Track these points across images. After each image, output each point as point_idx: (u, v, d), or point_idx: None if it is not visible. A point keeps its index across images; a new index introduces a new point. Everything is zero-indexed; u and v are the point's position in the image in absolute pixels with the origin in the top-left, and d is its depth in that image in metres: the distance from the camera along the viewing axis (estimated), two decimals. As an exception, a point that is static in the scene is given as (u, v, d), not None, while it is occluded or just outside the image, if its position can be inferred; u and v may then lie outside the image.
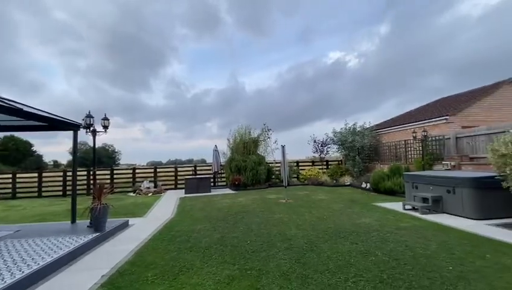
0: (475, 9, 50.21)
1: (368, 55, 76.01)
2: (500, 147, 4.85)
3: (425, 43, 64.32)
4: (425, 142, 10.63)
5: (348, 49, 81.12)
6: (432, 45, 62.52)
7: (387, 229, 5.15)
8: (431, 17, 60.94)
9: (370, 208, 7.55)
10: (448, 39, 59.98)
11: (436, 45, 62.63)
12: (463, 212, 5.90)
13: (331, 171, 16.13)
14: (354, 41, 75.19)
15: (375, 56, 75.44)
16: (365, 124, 16.03)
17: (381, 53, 75.50)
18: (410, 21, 63.93)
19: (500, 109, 12.22)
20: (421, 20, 62.52)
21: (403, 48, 70.90)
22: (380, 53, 75.66)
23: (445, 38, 59.02)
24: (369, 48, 75.35)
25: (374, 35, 74.15)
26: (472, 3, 54.33)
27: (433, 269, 3.29)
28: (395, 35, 71.86)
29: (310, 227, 5.55)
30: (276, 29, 57.68)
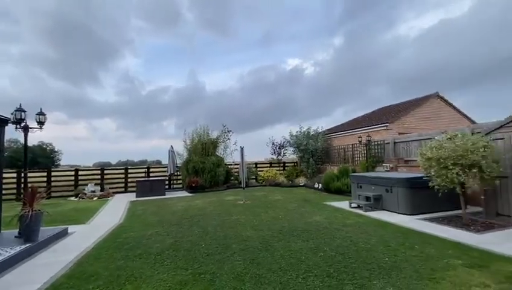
0: (411, 31, 57.77)
1: (323, 64, 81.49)
2: (427, 151, 5.63)
3: (372, 57, 71.79)
4: (369, 146, 11.77)
5: (306, 57, 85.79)
6: (377, 59, 70.10)
7: (335, 227, 5.55)
8: (376, 34, 68.20)
9: (321, 207, 8.05)
10: (390, 55, 68.10)
11: (381, 59, 70.49)
12: (398, 209, 6.68)
13: (287, 172, 16.77)
14: (311, 50, 79.79)
15: (329, 66, 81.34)
16: (318, 128, 17.07)
17: (335, 63, 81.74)
18: (360, 36, 70.71)
19: (429, 119, 14.19)
20: (368, 36, 69.55)
21: (353, 60, 77.94)
22: (333, 63, 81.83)
23: (388, 54, 66.88)
24: (324, 57, 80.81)
25: (329, 46, 79.77)
26: (409, 26, 62.41)
27: (372, 261, 3.65)
28: (347, 48, 78.47)
29: (266, 227, 5.68)
30: (239, 31, 57.96)
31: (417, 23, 60.82)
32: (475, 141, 5.11)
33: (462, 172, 5.06)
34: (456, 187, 5.36)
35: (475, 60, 42.33)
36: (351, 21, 66.06)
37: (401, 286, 2.95)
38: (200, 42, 57.66)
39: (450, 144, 5.30)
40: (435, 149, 5.49)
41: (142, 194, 11.67)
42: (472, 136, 5.33)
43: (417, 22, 58.89)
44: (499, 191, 5.57)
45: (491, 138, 5.57)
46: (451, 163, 5.13)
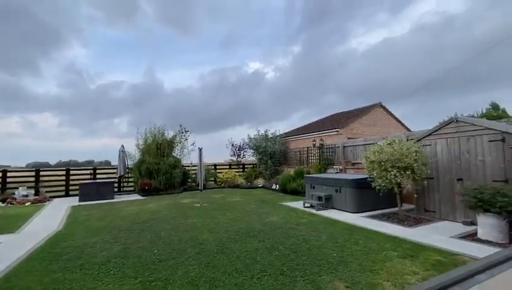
0: (360, 46, 63.69)
1: (283, 70, 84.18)
2: (370, 155, 6.25)
3: (326, 67, 76.97)
4: (322, 149, 12.56)
5: (267, 62, 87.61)
6: (331, 69, 75.39)
7: (289, 226, 5.79)
8: (331, 46, 73.42)
9: (277, 207, 8.30)
10: (342, 66, 73.94)
11: (334, 69, 76.08)
12: (346, 208, 7.25)
13: (246, 174, 16.90)
14: (272, 55, 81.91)
15: (288, 72, 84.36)
16: (276, 131, 17.62)
17: (293, 70, 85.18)
18: (316, 47, 75.29)
19: (373, 125, 15.74)
20: (323, 48, 74.37)
21: (310, 68, 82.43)
22: (292, 70, 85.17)
23: (340, 66, 72.46)
24: (284, 63, 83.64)
25: (288, 54, 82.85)
26: (358, 41, 68.62)
27: (322, 257, 3.90)
28: (304, 57, 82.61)
29: (223, 229, 5.64)
30: (202, 31, 56.26)
31: (366, 39, 67.36)
32: (409, 146, 5.84)
33: (398, 174, 5.74)
34: (394, 187, 6.05)
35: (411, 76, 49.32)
36: (308, 32, 70.04)
37: (346, 278, 3.21)
38: (159, 38, 54.32)
39: (389, 148, 5.96)
40: (376, 153, 6.11)
41: (87, 198, 10.56)
42: (407, 142, 6.08)
43: (366, 38, 65.26)
44: (427, 190, 6.44)
45: (421, 144, 6.43)
46: (390, 166, 5.78)
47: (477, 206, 4.65)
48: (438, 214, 6.20)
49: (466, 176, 5.70)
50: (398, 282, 3.06)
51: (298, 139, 16.80)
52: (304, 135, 16.25)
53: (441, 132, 6.22)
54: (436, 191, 6.27)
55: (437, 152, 6.28)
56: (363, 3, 45.63)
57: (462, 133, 5.79)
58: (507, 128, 5.15)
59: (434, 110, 51.32)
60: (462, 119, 5.86)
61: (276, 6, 56.43)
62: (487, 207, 4.49)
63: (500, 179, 5.13)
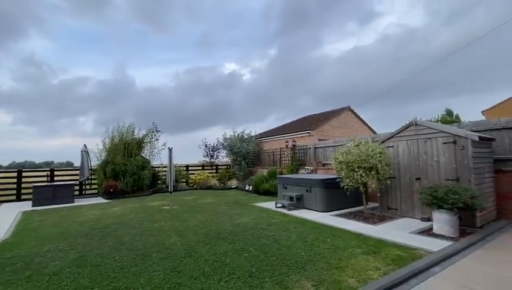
0: (333, 52, 66.53)
1: (259, 72, 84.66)
2: (339, 156, 6.48)
3: (302, 71, 79.03)
4: (295, 150, 12.81)
5: (244, 64, 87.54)
6: (306, 73, 77.60)
7: (260, 227, 5.77)
8: (306, 51, 75.69)
9: (249, 208, 8.26)
10: (316, 71, 76.41)
11: (309, 73, 78.34)
12: (316, 207, 7.43)
13: (220, 175, 16.67)
14: (249, 57, 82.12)
15: (265, 74, 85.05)
16: (251, 132, 17.64)
17: (270, 73, 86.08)
18: (292, 51, 77.11)
19: (342, 128, 16.41)
20: (299, 52, 76.39)
21: (285, 71, 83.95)
22: (268, 72, 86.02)
23: (314, 70, 74.87)
24: (260, 66, 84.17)
25: (265, 56, 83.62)
26: (333, 47, 71.53)
27: (291, 257, 3.92)
28: (280, 60, 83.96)
29: (192, 232, 5.45)
30: (177, 28, 54.22)
31: (339, 45, 70.44)
32: (374, 147, 6.15)
33: (364, 174, 6.00)
34: (360, 187, 6.31)
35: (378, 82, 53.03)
36: (285, 37, 71.44)
37: (313, 277, 3.25)
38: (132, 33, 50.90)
39: (356, 150, 6.22)
40: (345, 154, 6.34)
41: (42, 202, 9.64)
42: (372, 144, 6.39)
43: (339, 44, 68.28)
44: (390, 189, 6.83)
45: (385, 146, 6.80)
46: (357, 166, 6.03)
47: (432, 203, 5.02)
48: (399, 212, 6.60)
49: (423, 176, 6.13)
50: (362, 278, 3.16)
51: (272, 140, 16.97)
52: (277, 136, 16.46)
53: (402, 134, 6.63)
54: (398, 190, 6.67)
55: (399, 153, 6.68)
56: (335, 13, 47.78)
57: (421, 136, 6.23)
58: (458, 131, 5.63)
59: (396, 115, 55.19)
60: (420, 122, 6.30)
61: (253, 8, 56.78)
62: (441, 204, 4.85)
63: (452, 178, 5.59)
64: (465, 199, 4.66)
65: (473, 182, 5.25)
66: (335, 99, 72.11)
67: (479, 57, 32.75)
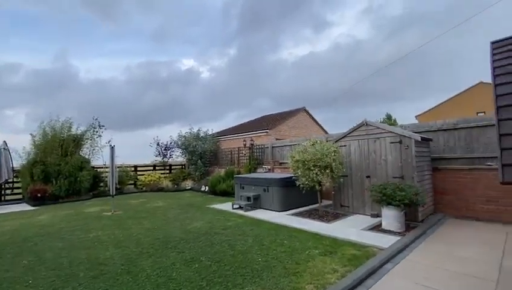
0: (290, 57, 68.90)
1: (218, 70, 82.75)
2: (295, 154, 6.42)
3: (261, 72, 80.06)
4: (252, 149, 12.63)
5: (202, 61, 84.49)
6: (265, 74, 78.80)
7: (215, 231, 5.35)
8: (265, 54, 76.82)
9: (204, 210, 7.75)
10: (274, 73, 78.15)
11: (267, 75, 79.83)
12: (273, 207, 7.30)
13: (173, 175, 15.65)
14: (208, 55, 79.66)
15: (224, 73, 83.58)
16: (208, 130, 16.96)
17: (229, 72, 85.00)
18: (251, 52, 77.50)
19: (298, 128, 16.83)
20: (258, 54, 77.15)
21: (245, 72, 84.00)
22: (228, 71, 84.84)
23: (272, 73, 76.48)
24: (220, 64, 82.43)
25: (224, 55, 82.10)
26: (289, 52, 74.08)
27: (247, 264, 3.61)
28: (240, 60, 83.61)
29: (135, 242, 4.77)
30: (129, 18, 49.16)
31: (295, 51, 73.23)
32: (328, 146, 6.23)
33: (319, 172, 6.03)
34: (315, 185, 6.35)
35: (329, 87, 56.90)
36: (244, 37, 71.37)
37: (271, 286, 2.99)
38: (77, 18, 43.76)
39: (312, 149, 6.22)
40: (301, 153, 6.31)
41: None
42: (327, 143, 6.48)
43: (295, 50, 70.99)
44: (342, 187, 7.04)
45: (338, 145, 6.98)
46: (312, 165, 6.03)
47: (382, 201, 5.23)
48: (351, 209, 6.83)
49: (373, 174, 6.43)
50: (320, 283, 3.00)
51: (230, 139, 16.56)
52: (235, 135, 16.11)
53: (354, 134, 6.87)
54: (350, 188, 6.90)
55: (351, 152, 6.92)
56: (293, 20, 49.54)
57: (371, 136, 6.52)
58: (403, 132, 6.02)
59: (345, 118, 59.66)
60: (371, 123, 6.60)
61: (213, 6, 55.33)
62: (390, 201, 5.08)
63: (398, 175, 5.94)
64: (411, 195, 4.95)
65: (415, 179, 5.64)
66: (291, 101, 74.77)
67: (413, 68, 37.48)
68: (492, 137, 6.23)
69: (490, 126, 6.28)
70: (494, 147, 6.17)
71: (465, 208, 6.10)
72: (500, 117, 1.34)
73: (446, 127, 6.88)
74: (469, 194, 6.07)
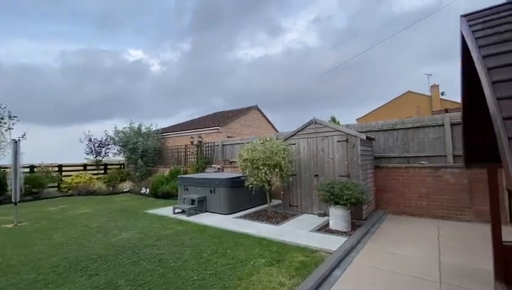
0: (246, 57, 68.88)
1: (170, 65, 77.59)
2: (244, 153, 5.94)
3: (216, 71, 77.95)
4: (201, 147, 11.78)
5: (153, 53, 78.08)
6: (220, 73, 77.12)
7: (146, 243, 4.50)
8: (220, 52, 75.28)
9: (140, 217, 6.72)
10: (229, 72, 77.02)
11: (222, 74, 78.25)
12: (220, 209, 6.69)
13: (108, 176, 13.75)
14: (160, 48, 74.06)
15: (177, 68, 78.83)
16: (151, 126, 15.40)
17: (183, 67, 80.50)
18: (206, 49, 74.91)
19: (250, 126, 16.52)
20: (214, 52, 75.11)
21: (200, 68, 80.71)
22: (181, 67, 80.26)
23: (228, 71, 75.28)
24: (172, 59, 77.37)
25: (177, 49, 77.48)
26: (244, 52, 73.94)
27: (178, 286, 2.95)
28: (194, 56, 79.99)
29: (31, 265, 3.64)
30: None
31: (250, 51, 73.46)
32: (278, 144, 5.91)
33: (269, 171, 5.66)
34: (265, 185, 5.97)
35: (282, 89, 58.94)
36: (199, 33, 68.44)
37: (203, 314, 2.40)
38: None
39: (261, 147, 5.81)
40: (250, 151, 5.85)
41: None
42: (277, 141, 6.15)
43: (250, 50, 71.23)
44: (291, 186, 6.83)
45: (288, 143, 6.75)
46: (262, 163, 5.62)
47: (329, 200, 5.09)
48: (300, 208, 6.66)
49: (321, 172, 6.35)
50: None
51: (177, 136, 15.32)
52: (183, 132, 14.96)
53: (303, 132, 6.71)
54: (299, 187, 6.73)
55: (300, 151, 6.75)
56: (248, 21, 49.71)
57: (319, 134, 6.43)
58: (350, 131, 6.05)
59: (294, 119, 62.38)
60: (319, 121, 6.52)
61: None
62: (337, 200, 4.96)
63: (344, 174, 5.94)
64: (357, 194, 4.90)
65: (360, 177, 5.69)
66: (245, 101, 74.88)
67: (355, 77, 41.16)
68: (424, 137, 6.74)
69: (422, 127, 6.78)
70: (425, 146, 6.67)
71: (402, 205, 6.44)
72: (500, 95, 1.01)
73: (386, 127, 7.24)
74: (405, 191, 6.43)
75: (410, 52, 40.62)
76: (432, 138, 6.60)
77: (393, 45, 32.19)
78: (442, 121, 6.49)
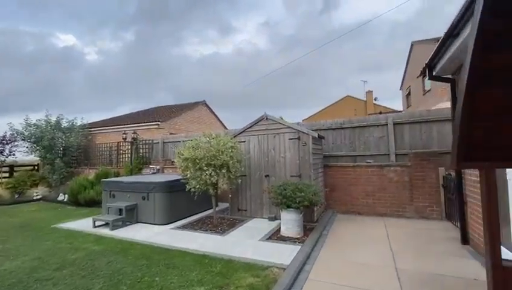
0: (195, 53, 65.97)
1: (110, 55, 68.84)
2: (184, 151, 5.02)
3: (163, 65, 72.46)
4: (137, 145, 10.23)
5: (89, 41, 67.95)
6: (167, 68, 72.04)
7: (40, 275, 3.26)
8: (167, 46, 70.48)
9: (45, 233, 5.19)
10: (177, 68, 72.43)
11: (169, 69, 73.23)
12: (155, 219, 5.61)
13: (15, 181, 11.00)
14: (98, 35, 64.89)
15: (118, 59, 70.48)
16: (76, 119, 12.95)
17: (125, 59, 72.44)
18: (153, 41, 69.04)
19: (197, 123, 15.34)
20: (160, 45, 69.76)
21: (144, 61, 73.89)
22: (123, 58, 72.10)
23: (175, 67, 70.78)
24: (113, 48, 68.72)
25: (118, 39, 69.25)
26: (194, 48, 70.60)
27: None
28: (138, 47, 72.91)
29: None
30: None
31: (199, 48, 70.64)
32: (226, 141, 5.16)
33: (214, 173, 4.87)
34: (210, 189, 5.16)
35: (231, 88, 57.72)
36: (144, 24, 62.45)
37: None
38: None
39: (206, 144, 4.99)
40: (191, 149, 4.97)
41: None
42: (224, 138, 5.40)
43: (200, 47, 68.47)
44: (240, 189, 6.18)
45: (237, 141, 6.06)
46: (206, 164, 4.80)
47: (281, 203, 4.59)
48: (249, 213, 6.05)
49: (272, 172, 5.85)
50: None
51: (109, 132, 13.20)
52: (116, 127, 12.94)
53: (254, 129, 6.12)
54: (249, 189, 6.12)
55: (250, 149, 6.14)
56: (197, 18, 47.63)
57: (271, 131, 5.92)
58: (301, 128, 5.68)
59: (245, 117, 62.69)
60: (271, 117, 6.01)
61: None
62: (289, 203, 4.48)
63: (296, 174, 5.54)
64: (310, 195, 4.50)
65: (312, 177, 5.36)
66: (194, 98, 71.86)
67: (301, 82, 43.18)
68: (369, 136, 6.85)
69: (367, 127, 6.88)
70: (370, 145, 6.78)
71: (350, 203, 6.39)
72: None
73: (335, 126, 7.18)
74: (353, 189, 6.40)
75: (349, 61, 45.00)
76: (377, 137, 6.74)
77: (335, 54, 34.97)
78: (385, 120, 6.66)
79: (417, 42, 16.01)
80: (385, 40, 24.92)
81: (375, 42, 20.93)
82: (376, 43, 22.27)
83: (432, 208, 5.59)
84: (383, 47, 61.87)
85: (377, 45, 45.59)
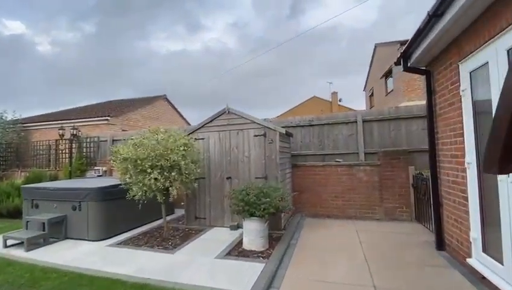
0: (161, 49, 62.33)
1: (66, 46, 61.54)
2: (123, 150, 4.04)
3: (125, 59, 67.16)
4: (79, 143, 8.77)
5: (41, 29, 59.88)
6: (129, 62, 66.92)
7: None
8: (130, 40, 65.41)
9: None
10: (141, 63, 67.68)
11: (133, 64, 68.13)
12: (88, 235, 4.53)
13: None
14: (52, 24, 57.46)
15: (75, 51, 63.39)
16: (5, 112, 10.89)
17: (83, 51, 65.42)
18: (113, 34, 63.45)
19: (157, 119, 13.97)
20: (122, 38, 64.44)
21: (104, 54, 67.71)
22: (81, 50, 65.04)
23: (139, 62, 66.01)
24: (69, 39, 61.56)
25: (76, 30, 62.26)
26: (160, 44, 66.62)
27: None
28: (98, 39, 66.46)
29: None
30: None
31: (166, 44, 66.87)
32: (177, 138, 4.31)
33: (161, 176, 3.99)
34: (158, 195, 4.26)
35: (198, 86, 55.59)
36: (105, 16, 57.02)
37: None
38: None
39: (150, 141, 4.08)
40: (132, 147, 4.02)
41: None
42: (174, 133, 4.53)
43: (166, 43, 64.74)
44: (198, 193, 5.35)
45: (194, 138, 5.23)
46: (149, 165, 3.90)
47: (244, 211, 3.89)
48: (208, 221, 5.25)
49: (234, 174, 5.13)
50: None
51: (47, 129, 11.33)
52: (56, 122, 11.12)
53: (214, 124, 5.35)
54: (208, 194, 5.33)
55: (210, 147, 5.36)
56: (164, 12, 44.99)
57: (233, 126, 5.20)
58: (268, 124, 5.06)
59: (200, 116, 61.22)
60: (233, 111, 5.28)
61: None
62: (253, 211, 3.81)
63: (261, 175, 4.90)
64: (276, 201, 3.88)
65: (279, 178, 4.76)
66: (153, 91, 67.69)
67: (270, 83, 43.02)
68: (338, 134, 6.49)
69: (336, 124, 6.51)
70: (339, 143, 6.42)
71: (319, 205, 5.94)
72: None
73: (303, 123, 6.71)
74: (322, 191, 5.96)
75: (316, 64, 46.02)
76: (346, 135, 6.40)
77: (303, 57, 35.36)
78: (355, 117, 6.35)
79: (380, 44, 16.52)
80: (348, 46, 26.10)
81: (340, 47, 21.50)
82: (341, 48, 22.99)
83: (402, 209, 5.36)
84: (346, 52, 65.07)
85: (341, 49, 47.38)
